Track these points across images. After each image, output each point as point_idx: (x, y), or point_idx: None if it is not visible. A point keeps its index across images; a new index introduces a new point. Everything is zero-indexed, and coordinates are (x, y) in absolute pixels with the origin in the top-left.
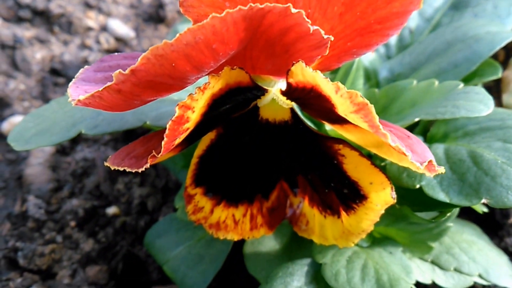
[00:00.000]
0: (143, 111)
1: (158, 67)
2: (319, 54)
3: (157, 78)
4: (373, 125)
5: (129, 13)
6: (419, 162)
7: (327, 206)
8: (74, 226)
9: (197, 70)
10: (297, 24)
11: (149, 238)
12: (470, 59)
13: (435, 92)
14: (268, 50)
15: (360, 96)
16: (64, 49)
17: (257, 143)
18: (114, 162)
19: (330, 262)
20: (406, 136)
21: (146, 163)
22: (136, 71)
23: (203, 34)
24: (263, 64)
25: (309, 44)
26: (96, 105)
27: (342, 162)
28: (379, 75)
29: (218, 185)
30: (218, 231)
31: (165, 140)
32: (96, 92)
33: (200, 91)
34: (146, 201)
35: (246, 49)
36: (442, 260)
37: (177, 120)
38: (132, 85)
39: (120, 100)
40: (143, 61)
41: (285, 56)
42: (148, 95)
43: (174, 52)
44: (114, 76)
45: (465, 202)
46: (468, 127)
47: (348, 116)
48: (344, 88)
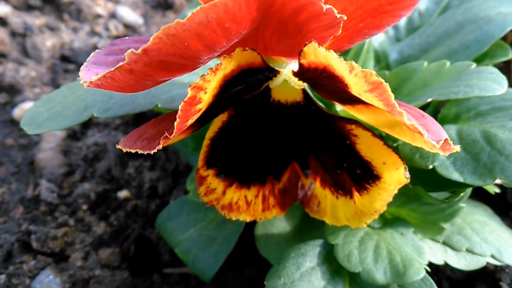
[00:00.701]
0: (155, 94)
1: (170, 46)
2: (332, 34)
3: (169, 57)
4: (388, 103)
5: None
6: (434, 141)
7: (339, 186)
8: (86, 209)
9: (209, 50)
10: (310, 3)
11: (160, 221)
12: (481, 40)
13: (447, 72)
14: (281, 30)
15: (375, 75)
16: (74, 36)
17: (269, 124)
18: (126, 145)
19: (342, 243)
20: (421, 115)
21: (158, 144)
22: (148, 50)
23: (215, 13)
24: (275, 45)
25: (322, 24)
26: (108, 86)
27: (355, 142)
28: (389, 57)
29: (230, 166)
30: (230, 212)
31: (178, 121)
32: (108, 72)
33: (212, 72)
34: (156, 184)
35: (258, 30)
36: (454, 241)
37: (190, 101)
38: (144, 65)
39: (132, 80)
40: (155, 40)
41: (298, 36)
42: (160, 75)
43: (186, 31)
44: (126, 55)
45: (479, 182)
46: (480, 107)
47: (362, 95)
48: (358, 67)
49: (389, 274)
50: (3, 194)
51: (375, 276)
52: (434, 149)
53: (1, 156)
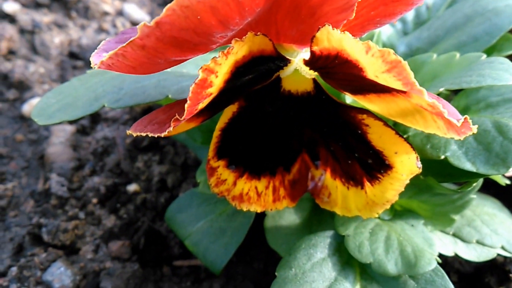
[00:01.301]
0: (165, 85)
1: (183, 19)
2: (345, 18)
3: (182, 33)
4: (407, 82)
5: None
6: (456, 119)
7: (350, 177)
8: (96, 203)
9: (223, 26)
10: None
11: (170, 213)
12: (489, 33)
13: (457, 64)
14: (294, 13)
15: (393, 53)
16: (82, 34)
17: (279, 115)
18: (137, 129)
19: (353, 234)
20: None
21: (169, 127)
22: (161, 23)
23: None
24: (288, 30)
25: (335, 7)
26: (119, 66)
27: (367, 132)
28: (397, 50)
29: (240, 157)
30: (241, 203)
31: (188, 103)
32: (120, 49)
33: (223, 55)
34: (165, 178)
35: (271, 12)
36: (464, 232)
37: (201, 83)
38: (157, 40)
39: (144, 57)
40: (168, 12)
41: (311, 20)
42: (172, 53)
43: (200, 3)
44: (139, 28)
45: (492, 171)
46: (490, 99)
47: (379, 77)
48: (375, 46)
49: (400, 265)
50: (14, 188)
51: (386, 267)
52: (448, 133)
53: (12, 151)
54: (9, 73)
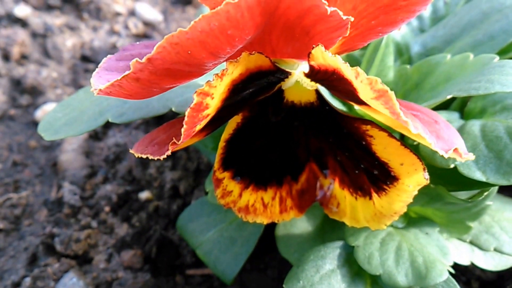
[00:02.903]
0: (169, 98)
1: (174, 55)
2: (340, 35)
3: (174, 65)
4: (394, 112)
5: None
6: (444, 150)
7: (358, 187)
8: (108, 211)
9: (214, 57)
10: (314, 6)
11: (181, 222)
12: (507, 30)
13: (470, 66)
14: (288, 33)
15: (380, 82)
16: (94, 36)
17: (284, 125)
18: (138, 150)
19: (363, 245)
20: (434, 121)
21: (167, 150)
22: (152, 59)
23: (217, 20)
24: (283, 48)
25: (328, 26)
26: (117, 94)
27: (371, 143)
28: (412, 50)
29: (246, 168)
30: (247, 215)
31: (185, 127)
32: (116, 81)
33: (218, 78)
34: (178, 184)
35: (264, 33)
36: (482, 240)
37: (196, 107)
38: (150, 73)
39: (139, 88)
40: (159, 49)
41: (306, 39)
42: (166, 82)
43: (189, 39)
44: (132, 65)
45: (503, 181)
46: (507, 101)
47: (369, 101)
48: (363, 74)
49: (410, 277)
50: (28, 196)
51: (396, 279)
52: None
53: (26, 158)
54: (22, 79)
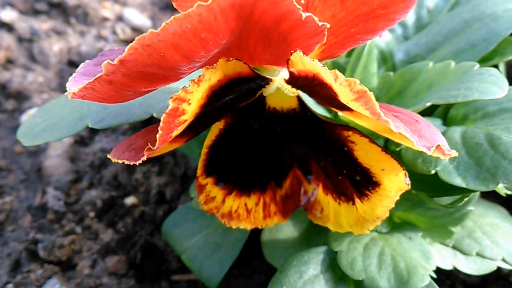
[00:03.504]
0: (150, 103)
1: (147, 57)
2: (317, 42)
3: (147, 68)
4: (374, 112)
5: (145, 1)
6: (426, 147)
7: (341, 193)
8: (93, 216)
9: (188, 60)
10: (290, 11)
11: (166, 228)
12: (488, 39)
13: (452, 73)
14: (265, 39)
15: (359, 84)
16: (81, 41)
17: (266, 131)
18: (115, 155)
19: (346, 250)
20: (415, 120)
21: (143, 155)
22: (124, 61)
23: (189, 23)
24: (261, 55)
25: (305, 32)
26: (91, 98)
27: (353, 149)
28: (395, 57)
29: (229, 174)
30: (230, 221)
31: (160, 133)
32: (89, 83)
33: (194, 84)
34: (164, 190)
35: (241, 40)
36: (464, 244)
37: (172, 113)
38: (123, 76)
39: (113, 91)
40: (131, 51)
41: (283, 45)
42: (141, 86)
43: (161, 41)
44: (103, 66)
45: (482, 187)
46: (488, 108)
47: (350, 104)
48: (342, 76)
49: (392, 282)
50: (12, 202)
51: (378, 284)
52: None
53: (11, 163)
54: (7, 83)
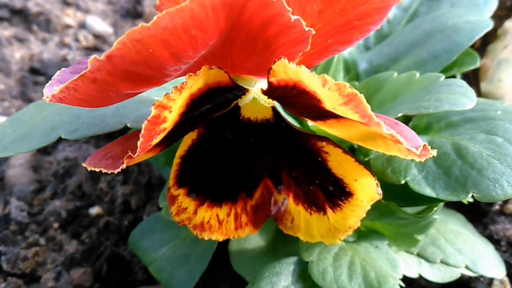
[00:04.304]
0: (123, 113)
1: (135, 52)
2: (301, 50)
3: (134, 66)
4: (365, 115)
5: (107, 9)
6: (415, 148)
7: (313, 203)
8: (57, 227)
9: (175, 59)
10: (278, 13)
11: (133, 238)
12: (450, 50)
13: (417, 84)
14: (249, 45)
15: (349, 86)
16: (43, 48)
17: (240, 141)
18: (91, 163)
19: (316, 260)
20: (394, 123)
21: (122, 163)
22: (111, 57)
23: (181, 18)
24: (244, 62)
25: (290, 39)
26: (70, 99)
27: (326, 159)
28: (359, 67)
29: (201, 185)
30: (202, 232)
31: (141, 140)
32: (71, 82)
33: (177, 91)
34: (129, 199)
35: (226, 46)
36: (428, 252)
37: (153, 120)
38: (108, 74)
39: (95, 91)
40: (119, 45)
41: (267, 53)
42: (125, 86)
43: (151, 36)
44: (89, 62)
45: (452, 197)
46: (451, 118)
47: (337, 109)
48: (331, 80)
49: None
50: None
51: None
52: (409, 155)
53: None
54: None
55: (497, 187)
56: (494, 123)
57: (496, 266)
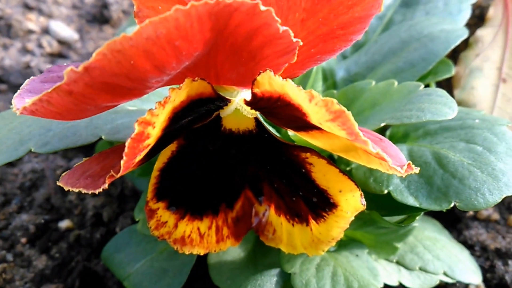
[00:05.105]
0: (97, 125)
1: (115, 64)
2: (287, 61)
3: (114, 78)
4: (352, 132)
5: (72, 14)
6: (399, 166)
7: (295, 214)
8: (25, 242)
9: (158, 71)
10: (266, 24)
11: (107, 253)
12: (426, 59)
13: (396, 92)
14: (234, 56)
15: (337, 103)
16: (4, 54)
17: (220, 152)
18: (68, 182)
19: (299, 272)
20: (379, 139)
21: (103, 183)
22: (90, 68)
23: (165, 27)
24: (227, 73)
25: (277, 50)
26: (44, 112)
27: (310, 170)
28: (336, 75)
29: (181, 198)
30: (183, 246)
31: (125, 159)
32: (45, 95)
33: (160, 106)
34: (101, 211)
35: (210, 56)
36: (407, 260)
37: (137, 138)
38: (85, 86)
39: (71, 104)
40: (98, 57)
41: (251, 63)
42: (103, 99)
43: (133, 47)
44: (65, 74)
45: (435, 207)
46: (428, 126)
47: (323, 124)
48: (318, 96)
49: None
50: None
51: None
52: (391, 170)
53: None
54: None
55: (479, 196)
56: (472, 131)
57: (472, 271)
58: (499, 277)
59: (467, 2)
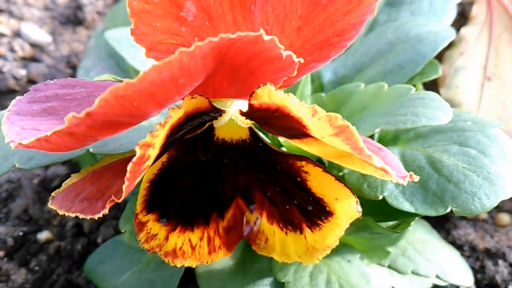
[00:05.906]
0: None
1: (118, 108)
2: (286, 75)
3: (116, 118)
4: (356, 147)
5: (44, 16)
6: (401, 178)
7: (289, 222)
8: (2, 256)
9: (161, 106)
10: (267, 50)
11: (91, 265)
12: (414, 61)
13: (386, 96)
14: (232, 74)
15: (341, 118)
16: None
17: (213, 163)
18: (62, 206)
19: (293, 280)
20: (378, 148)
21: (103, 207)
22: (92, 113)
23: (169, 70)
24: (226, 89)
25: (276, 67)
26: (41, 148)
27: (306, 179)
28: (323, 78)
29: (172, 209)
30: (175, 259)
31: (127, 184)
32: (44, 136)
33: (161, 127)
34: (81, 222)
35: (208, 77)
36: (399, 263)
37: (139, 161)
38: (87, 128)
39: (71, 142)
40: (101, 103)
41: (250, 79)
42: (103, 134)
43: (136, 92)
44: (67, 120)
45: (431, 212)
46: (419, 128)
47: (326, 138)
48: (322, 111)
49: None
50: None
51: None
52: (386, 176)
53: None
54: None
55: (475, 201)
56: (464, 134)
57: (464, 273)
58: (490, 277)
59: (452, 2)
